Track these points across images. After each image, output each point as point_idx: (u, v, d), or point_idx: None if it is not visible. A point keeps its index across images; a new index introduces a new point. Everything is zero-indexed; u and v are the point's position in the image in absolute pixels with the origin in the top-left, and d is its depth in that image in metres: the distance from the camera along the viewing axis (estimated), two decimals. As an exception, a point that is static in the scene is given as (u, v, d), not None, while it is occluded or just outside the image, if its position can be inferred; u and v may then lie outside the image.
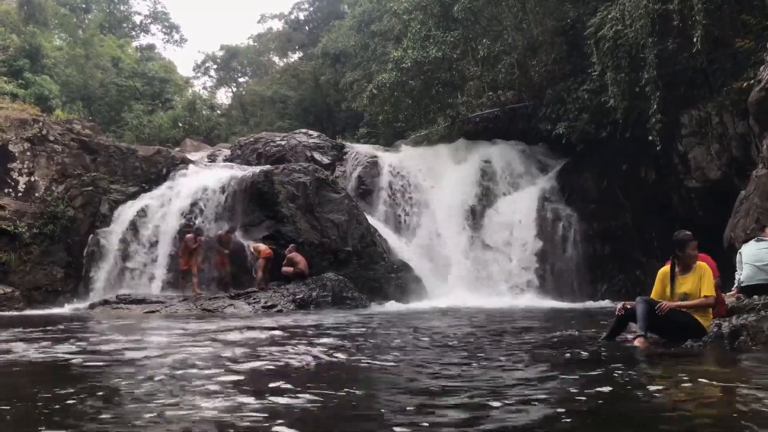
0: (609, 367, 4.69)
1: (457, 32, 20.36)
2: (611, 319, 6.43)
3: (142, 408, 3.36)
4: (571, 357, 5.33)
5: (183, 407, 3.34)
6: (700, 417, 3.23)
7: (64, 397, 3.65)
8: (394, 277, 16.56)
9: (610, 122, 17.26)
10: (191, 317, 11.52)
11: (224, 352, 5.78)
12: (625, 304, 6.04)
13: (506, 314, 11.59)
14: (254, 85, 47.09)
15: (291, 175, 17.03)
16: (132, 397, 3.69)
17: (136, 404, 3.48)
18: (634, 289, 17.17)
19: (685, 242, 5.98)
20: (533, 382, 4.19)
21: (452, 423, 3.04)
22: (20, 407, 3.48)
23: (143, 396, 3.68)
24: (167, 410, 3.27)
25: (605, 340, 6.16)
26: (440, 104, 22.64)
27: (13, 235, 15.89)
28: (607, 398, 3.61)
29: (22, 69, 32.03)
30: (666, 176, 17.46)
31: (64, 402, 3.50)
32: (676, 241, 6.06)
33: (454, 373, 4.57)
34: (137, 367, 4.97)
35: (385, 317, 11.01)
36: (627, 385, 4.02)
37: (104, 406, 3.42)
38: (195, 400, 3.51)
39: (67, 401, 3.51)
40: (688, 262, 6.03)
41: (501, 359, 5.28)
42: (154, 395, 3.68)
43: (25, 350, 6.02)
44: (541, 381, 4.22)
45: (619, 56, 15.89)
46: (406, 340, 7.02)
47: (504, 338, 7.21)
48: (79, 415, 3.23)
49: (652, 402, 3.58)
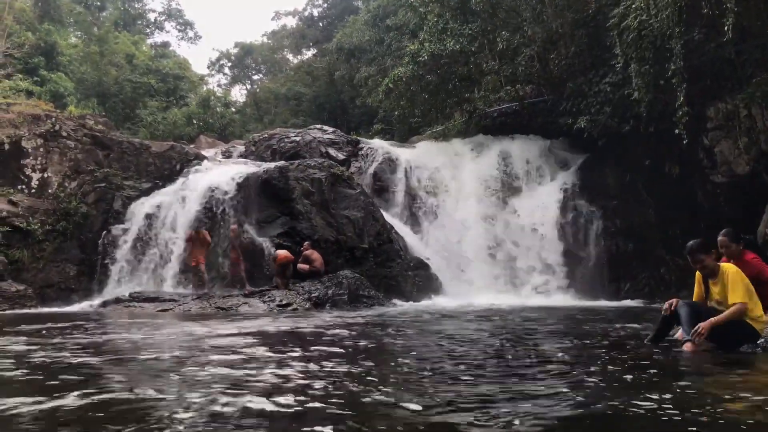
0: (661, 373, 4.30)
1: (475, 25, 19.93)
2: (646, 323, 6.02)
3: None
4: (624, 361, 4.91)
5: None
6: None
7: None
8: (412, 275, 16.22)
9: (633, 116, 16.80)
10: (207, 317, 11.25)
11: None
12: (672, 302, 5.62)
13: (530, 314, 11.19)
14: (268, 82, 47.02)
15: (306, 171, 16.73)
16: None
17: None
18: (658, 287, 16.75)
19: (689, 254, 5.67)
20: (588, 385, 3.82)
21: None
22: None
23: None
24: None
25: (651, 342, 5.76)
26: (457, 99, 22.22)
27: (26, 232, 15.71)
28: (667, 408, 3.23)
29: (37, 66, 32.08)
30: (690, 171, 16.96)
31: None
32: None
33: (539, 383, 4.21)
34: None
35: (415, 319, 10.51)
36: (684, 395, 3.64)
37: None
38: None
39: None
40: (704, 272, 5.69)
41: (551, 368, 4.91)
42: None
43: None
44: (599, 388, 3.85)
45: (643, 47, 15.40)
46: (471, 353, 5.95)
47: (546, 343, 6.79)
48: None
49: (713, 414, 3.20)
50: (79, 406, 3.32)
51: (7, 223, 15.49)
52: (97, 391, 3.69)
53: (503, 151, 20.24)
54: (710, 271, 5.60)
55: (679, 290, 16.68)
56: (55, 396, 3.52)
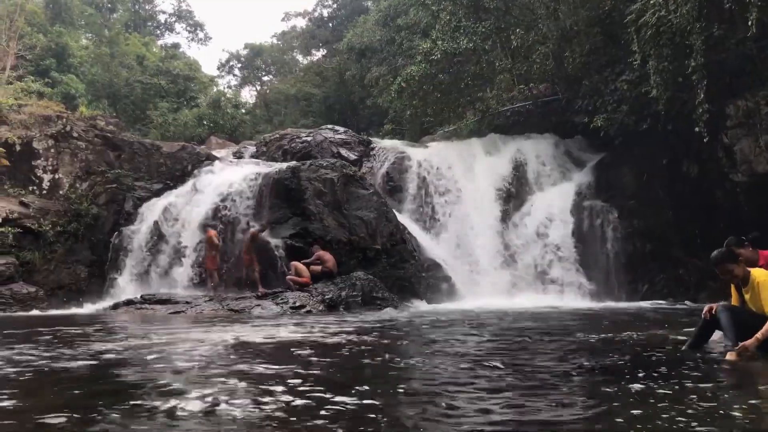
0: (705, 386, 4.03)
1: (489, 22, 19.68)
2: (689, 326, 5.72)
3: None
4: (660, 369, 4.63)
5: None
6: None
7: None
8: (425, 277, 15.98)
9: (650, 114, 16.47)
10: (219, 318, 11.08)
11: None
12: (712, 306, 5.34)
13: (550, 317, 10.92)
14: (278, 83, 46.91)
15: (318, 171, 16.54)
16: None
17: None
18: (677, 288, 16.43)
19: (716, 265, 5.43)
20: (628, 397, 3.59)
21: None
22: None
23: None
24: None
25: (689, 348, 5.46)
26: (469, 98, 21.96)
27: (37, 233, 15.62)
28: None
29: (48, 68, 32.16)
30: (709, 170, 16.60)
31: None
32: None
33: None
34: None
35: (441, 320, 10.23)
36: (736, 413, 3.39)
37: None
38: None
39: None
40: (734, 281, 5.45)
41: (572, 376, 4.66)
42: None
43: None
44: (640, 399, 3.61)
45: (661, 44, 15.09)
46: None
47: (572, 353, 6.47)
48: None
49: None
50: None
51: (18, 224, 15.41)
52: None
53: (517, 151, 19.92)
54: (741, 279, 5.36)
55: (698, 292, 16.37)
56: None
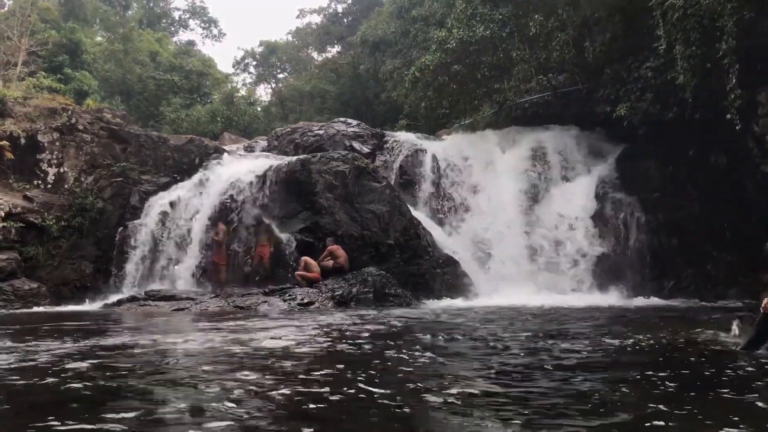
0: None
1: (506, 9, 18.97)
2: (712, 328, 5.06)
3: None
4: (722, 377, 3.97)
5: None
6: None
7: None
8: (440, 273, 15.35)
9: (676, 102, 15.70)
10: (232, 318, 10.58)
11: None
12: None
13: (576, 315, 10.25)
14: (293, 80, 46.50)
15: (329, 164, 15.99)
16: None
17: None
18: (704, 285, 15.67)
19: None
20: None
21: None
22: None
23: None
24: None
25: (745, 350, 4.82)
26: (486, 89, 21.22)
27: (41, 228, 15.23)
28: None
29: (62, 64, 31.94)
30: (739, 161, 15.83)
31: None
32: None
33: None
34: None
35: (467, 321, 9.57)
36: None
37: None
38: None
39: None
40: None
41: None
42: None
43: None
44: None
45: (688, 28, 14.32)
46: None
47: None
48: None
49: None
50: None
51: (21, 219, 15.03)
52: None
53: (536, 143, 19.19)
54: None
55: (727, 288, 15.60)
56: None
